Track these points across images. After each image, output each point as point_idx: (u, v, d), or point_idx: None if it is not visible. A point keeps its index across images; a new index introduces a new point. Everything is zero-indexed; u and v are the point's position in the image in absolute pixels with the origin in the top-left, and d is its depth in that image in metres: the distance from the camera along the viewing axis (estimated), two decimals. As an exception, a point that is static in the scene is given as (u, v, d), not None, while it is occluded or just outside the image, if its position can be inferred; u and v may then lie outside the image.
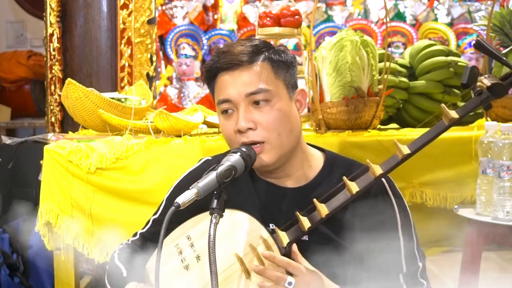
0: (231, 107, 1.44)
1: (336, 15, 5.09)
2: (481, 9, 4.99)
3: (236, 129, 1.42)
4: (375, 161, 1.97)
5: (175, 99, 4.67)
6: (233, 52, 1.44)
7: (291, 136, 1.45)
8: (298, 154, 1.50)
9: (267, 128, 1.41)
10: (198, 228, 1.44)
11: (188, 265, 1.42)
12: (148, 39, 3.21)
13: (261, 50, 1.46)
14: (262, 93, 1.41)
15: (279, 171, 1.50)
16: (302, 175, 1.51)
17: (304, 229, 1.37)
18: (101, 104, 2.23)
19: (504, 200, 1.83)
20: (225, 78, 1.44)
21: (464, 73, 1.37)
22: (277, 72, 1.45)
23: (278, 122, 1.42)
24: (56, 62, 3.12)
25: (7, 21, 6.19)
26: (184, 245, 1.44)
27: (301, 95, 1.51)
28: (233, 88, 1.43)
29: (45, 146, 2.07)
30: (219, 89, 1.46)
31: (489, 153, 1.87)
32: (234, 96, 1.42)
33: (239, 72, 1.43)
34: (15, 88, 5.60)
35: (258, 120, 1.41)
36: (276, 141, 1.42)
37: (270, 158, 1.43)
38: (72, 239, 2.02)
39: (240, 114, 1.42)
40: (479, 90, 1.37)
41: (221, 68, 1.45)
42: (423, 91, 2.33)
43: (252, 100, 1.42)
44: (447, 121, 1.36)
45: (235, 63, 1.43)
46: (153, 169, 2.02)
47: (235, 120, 1.43)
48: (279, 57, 1.47)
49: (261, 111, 1.42)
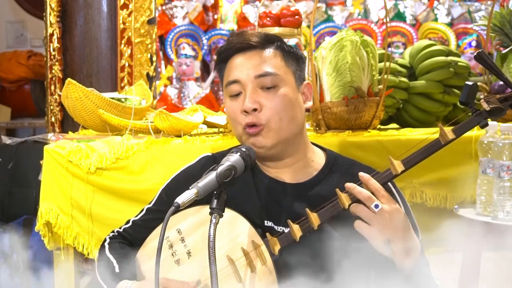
0: (239, 89, 1.46)
1: (336, 15, 5.08)
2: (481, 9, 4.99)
3: (242, 109, 1.44)
4: (375, 161, 1.98)
5: (175, 99, 4.67)
6: (247, 35, 1.49)
7: (291, 123, 1.46)
8: (299, 146, 1.50)
9: (270, 110, 1.43)
10: (188, 222, 1.45)
11: (179, 260, 1.43)
12: (148, 39, 3.21)
13: (272, 40, 1.50)
14: (270, 77, 1.45)
15: (278, 159, 1.50)
16: (302, 170, 1.51)
17: (295, 237, 1.37)
18: (101, 104, 2.23)
19: (504, 200, 1.83)
20: (236, 61, 1.48)
21: (463, 91, 1.37)
22: (287, 61, 1.49)
23: (282, 107, 1.44)
24: (56, 62, 3.12)
25: (7, 21, 6.19)
26: (174, 239, 1.45)
27: (307, 88, 1.54)
28: (243, 69, 1.46)
29: (45, 146, 2.07)
30: (229, 71, 1.49)
31: (489, 153, 1.87)
32: (243, 77, 1.45)
33: (250, 54, 1.47)
34: (15, 88, 5.60)
35: (263, 103, 1.44)
36: (275, 125, 1.44)
37: (267, 141, 1.44)
38: (72, 239, 2.02)
39: (248, 95, 1.44)
40: (478, 111, 1.37)
41: (234, 50, 1.48)
42: (423, 91, 2.33)
43: (260, 83, 1.45)
44: (443, 141, 1.36)
45: (248, 43, 1.47)
46: (153, 169, 2.02)
47: (242, 101, 1.45)
48: (291, 50, 1.51)
49: (267, 94, 1.44)
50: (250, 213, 1.45)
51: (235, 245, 1.40)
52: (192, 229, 1.44)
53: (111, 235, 1.63)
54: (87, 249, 2.02)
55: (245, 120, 1.44)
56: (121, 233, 1.62)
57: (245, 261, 1.38)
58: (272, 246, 1.38)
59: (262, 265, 1.37)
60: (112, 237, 1.62)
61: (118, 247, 1.57)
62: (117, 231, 1.63)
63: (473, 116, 1.37)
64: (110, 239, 1.61)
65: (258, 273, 1.37)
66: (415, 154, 1.38)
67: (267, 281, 1.36)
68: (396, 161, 1.37)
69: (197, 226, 1.44)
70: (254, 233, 1.40)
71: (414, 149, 1.40)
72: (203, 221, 1.42)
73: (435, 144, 1.37)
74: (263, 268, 1.37)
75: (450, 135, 1.36)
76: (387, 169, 1.38)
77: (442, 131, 1.36)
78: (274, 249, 1.38)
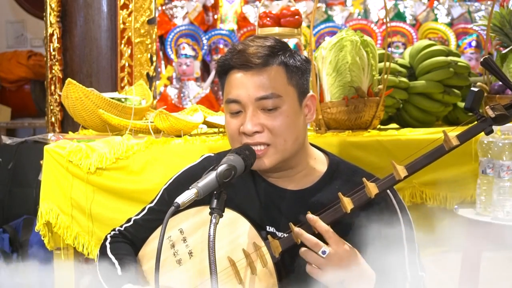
0: (239, 108, 1.42)
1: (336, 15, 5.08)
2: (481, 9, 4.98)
3: (241, 130, 1.41)
4: (375, 161, 1.98)
5: (175, 99, 4.66)
6: (248, 53, 1.41)
7: (295, 143, 1.44)
8: (300, 159, 1.49)
9: (273, 132, 1.40)
10: (190, 222, 1.45)
11: (180, 260, 1.43)
12: (148, 39, 3.21)
13: (277, 53, 1.42)
14: (272, 99, 1.39)
15: (279, 174, 1.49)
16: (304, 178, 1.50)
17: (297, 240, 1.37)
18: (101, 104, 2.23)
19: (504, 200, 1.83)
20: (236, 77, 1.42)
21: (468, 97, 1.36)
22: (290, 78, 1.43)
23: (285, 128, 1.41)
24: (56, 62, 3.12)
25: (7, 21, 6.18)
26: (176, 239, 1.44)
27: (311, 100, 1.49)
28: (243, 89, 1.40)
29: (45, 146, 2.07)
30: (229, 87, 1.44)
31: (489, 153, 1.87)
32: (243, 98, 1.41)
33: (251, 74, 1.40)
34: (15, 88, 5.60)
35: (265, 124, 1.40)
36: (281, 146, 1.41)
37: (270, 162, 1.42)
38: (72, 239, 2.02)
39: (248, 117, 1.40)
40: (483, 117, 1.37)
41: (234, 67, 1.42)
42: (423, 91, 2.33)
43: (261, 105, 1.40)
44: (447, 147, 1.36)
45: (248, 64, 1.40)
46: (153, 169, 2.02)
47: (241, 121, 1.41)
48: (294, 62, 1.44)
49: (269, 115, 1.40)
50: (251, 217, 1.45)
51: (236, 246, 1.40)
52: (194, 229, 1.44)
53: (112, 233, 1.62)
54: (87, 249, 2.02)
55: (245, 141, 1.41)
56: (122, 231, 1.61)
57: (246, 263, 1.37)
58: (274, 248, 1.38)
59: (263, 267, 1.37)
60: (113, 235, 1.61)
61: (120, 247, 1.56)
62: (118, 229, 1.62)
63: (478, 123, 1.37)
64: (112, 238, 1.60)
65: (259, 275, 1.36)
66: (419, 159, 1.37)
67: (268, 283, 1.36)
68: (400, 166, 1.37)
69: (199, 226, 1.44)
70: (255, 234, 1.40)
71: (417, 153, 1.40)
72: (205, 221, 1.42)
73: (439, 149, 1.37)
74: (264, 270, 1.37)
75: (454, 141, 1.36)
76: (390, 174, 1.38)
77: (447, 137, 1.36)
78: (275, 251, 1.38)
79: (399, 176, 1.36)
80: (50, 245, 2.07)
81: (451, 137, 1.35)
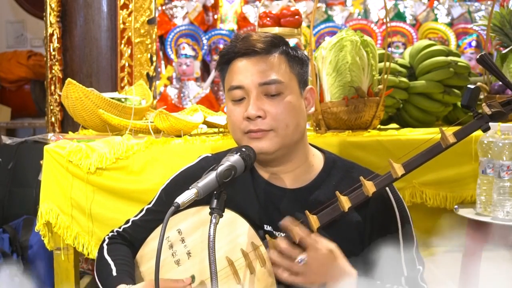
0: (242, 95, 1.44)
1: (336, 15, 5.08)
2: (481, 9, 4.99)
3: (245, 115, 1.42)
4: (375, 161, 1.98)
5: (175, 99, 4.67)
6: (252, 40, 1.45)
7: (297, 130, 1.45)
8: (299, 151, 1.49)
9: (276, 117, 1.42)
10: (188, 222, 1.45)
11: (178, 261, 1.43)
12: (148, 39, 3.21)
13: (278, 44, 1.47)
14: (275, 85, 1.42)
15: (278, 168, 1.49)
16: (301, 175, 1.51)
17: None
18: (101, 104, 2.23)
19: (504, 200, 1.83)
20: (240, 65, 1.45)
21: (465, 94, 1.37)
22: (292, 66, 1.46)
23: (287, 114, 1.42)
24: (56, 62, 3.12)
25: (7, 21, 6.19)
26: (174, 239, 1.44)
27: (310, 93, 1.52)
28: (247, 75, 1.43)
29: (45, 146, 2.07)
30: (232, 74, 1.46)
31: (489, 153, 1.87)
32: (247, 83, 1.43)
33: (255, 60, 1.44)
34: (15, 88, 5.60)
35: (268, 110, 1.42)
36: (282, 131, 1.42)
37: (271, 146, 1.42)
38: (72, 239, 2.02)
39: (251, 101, 1.42)
40: (480, 114, 1.37)
41: (238, 54, 1.45)
42: (423, 91, 2.33)
43: (265, 90, 1.42)
44: (444, 145, 1.36)
45: (253, 49, 1.43)
46: (153, 169, 2.02)
47: (245, 107, 1.43)
48: (295, 53, 1.48)
49: (272, 101, 1.42)
50: (250, 216, 1.45)
51: (235, 246, 1.40)
52: (192, 230, 1.44)
53: (110, 235, 1.62)
54: (87, 249, 2.02)
55: (248, 127, 1.42)
56: (120, 233, 1.61)
57: (245, 262, 1.37)
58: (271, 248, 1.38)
59: (261, 266, 1.37)
60: (111, 237, 1.61)
61: (117, 249, 1.56)
62: (117, 231, 1.62)
63: (475, 120, 1.37)
64: (109, 239, 1.60)
65: (257, 275, 1.36)
66: (416, 157, 1.38)
67: (266, 283, 1.36)
68: (397, 164, 1.37)
69: (197, 227, 1.44)
70: (253, 234, 1.40)
71: (414, 151, 1.40)
72: (203, 221, 1.42)
73: (436, 147, 1.37)
74: (262, 270, 1.37)
75: (451, 138, 1.36)
76: (387, 172, 1.38)
77: (443, 135, 1.36)
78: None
79: (396, 174, 1.37)
80: (50, 245, 2.07)
81: (447, 135, 1.36)
